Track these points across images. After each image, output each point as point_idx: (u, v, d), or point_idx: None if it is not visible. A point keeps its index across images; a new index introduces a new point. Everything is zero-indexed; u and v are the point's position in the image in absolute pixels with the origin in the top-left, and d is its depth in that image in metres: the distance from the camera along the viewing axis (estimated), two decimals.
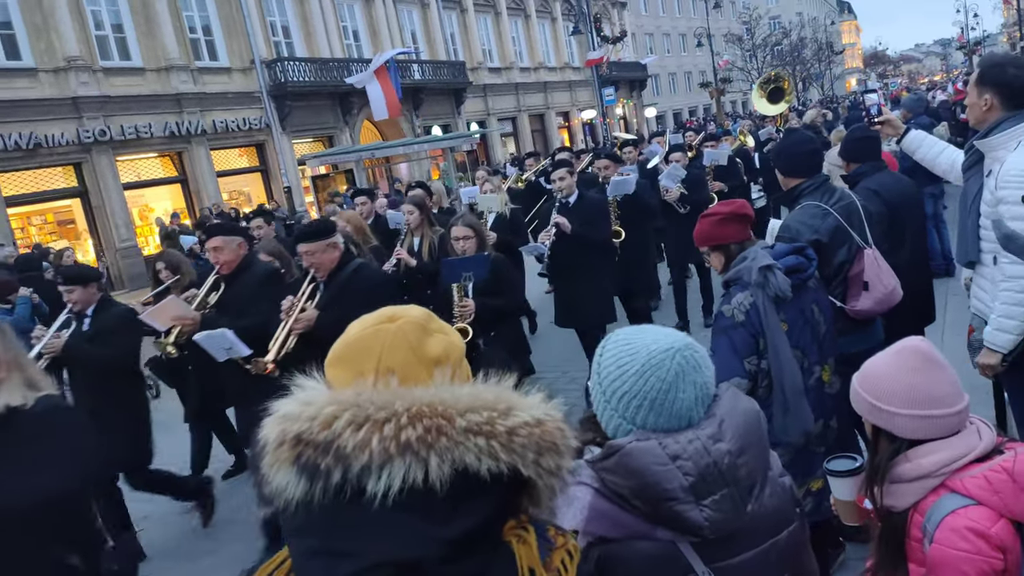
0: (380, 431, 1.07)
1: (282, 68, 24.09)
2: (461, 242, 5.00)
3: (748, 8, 60.48)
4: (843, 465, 2.02)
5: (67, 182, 20.07)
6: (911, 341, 1.84)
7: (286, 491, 1.08)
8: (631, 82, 44.61)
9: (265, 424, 1.14)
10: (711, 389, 1.55)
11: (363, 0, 28.48)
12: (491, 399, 1.14)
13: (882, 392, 1.78)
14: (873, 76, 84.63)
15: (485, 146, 33.72)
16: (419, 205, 6.60)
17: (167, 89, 21.61)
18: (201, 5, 23.10)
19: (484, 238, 5.16)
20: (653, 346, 1.53)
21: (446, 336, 1.26)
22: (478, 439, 1.09)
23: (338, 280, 4.30)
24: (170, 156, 22.45)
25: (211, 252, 4.99)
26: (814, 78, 60.55)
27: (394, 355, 1.18)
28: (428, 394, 1.12)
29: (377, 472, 1.05)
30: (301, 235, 4.43)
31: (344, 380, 1.18)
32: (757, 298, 2.88)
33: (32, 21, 18.95)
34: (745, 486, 1.50)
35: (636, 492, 1.46)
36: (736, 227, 3.10)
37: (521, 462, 1.11)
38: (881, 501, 1.80)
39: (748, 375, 2.91)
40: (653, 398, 1.50)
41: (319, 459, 1.06)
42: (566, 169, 6.40)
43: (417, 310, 1.29)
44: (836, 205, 3.54)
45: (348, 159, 24.34)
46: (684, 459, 1.45)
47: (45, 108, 18.94)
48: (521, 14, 37.73)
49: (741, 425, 1.52)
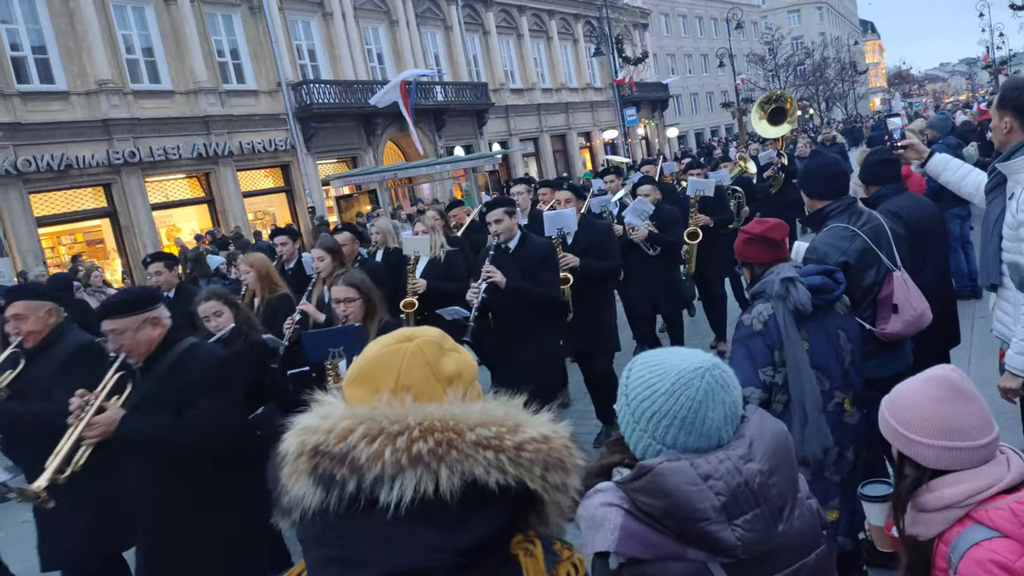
0: (393, 443, 1.11)
1: (307, 90, 24.43)
2: (342, 305, 3.98)
3: (770, 28, 60.49)
4: (877, 490, 2.02)
5: (97, 202, 20.44)
6: (941, 370, 1.82)
7: (303, 500, 1.13)
8: (653, 102, 44.69)
9: (285, 437, 1.19)
10: (739, 408, 1.56)
11: (387, 23, 28.85)
12: (500, 415, 1.19)
13: (908, 419, 1.77)
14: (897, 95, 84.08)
15: (507, 166, 33.89)
16: (331, 250, 5.52)
17: (195, 111, 21.99)
18: (229, 29, 23.54)
19: (373, 301, 4.04)
20: (682, 365, 1.54)
21: (460, 355, 1.32)
22: (487, 452, 1.13)
23: (159, 367, 3.17)
24: (197, 177, 22.80)
25: (12, 321, 3.79)
26: (837, 98, 60.30)
27: (412, 373, 1.23)
28: (440, 409, 1.17)
29: (389, 483, 1.10)
30: (105, 309, 3.27)
31: (362, 397, 1.23)
32: (777, 310, 2.89)
33: (65, 45, 19.41)
34: (776, 506, 1.50)
35: (667, 512, 1.46)
36: (759, 248, 3.13)
37: (528, 476, 1.15)
38: (910, 529, 1.79)
39: (762, 385, 2.90)
40: (683, 417, 1.51)
41: (335, 470, 1.11)
42: (503, 209, 5.15)
43: (432, 330, 1.35)
44: (864, 227, 3.53)
45: (371, 180, 24.57)
46: (716, 479, 1.46)
47: (77, 130, 19.33)
48: (543, 36, 38.02)
49: (771, 445, 1.53)
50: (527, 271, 4.98)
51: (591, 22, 40.22)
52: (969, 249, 8.10)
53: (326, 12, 26.17)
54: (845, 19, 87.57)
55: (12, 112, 18.12)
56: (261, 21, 23.93)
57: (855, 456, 3.07)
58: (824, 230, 3.60)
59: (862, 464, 3.11)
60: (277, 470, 1.17)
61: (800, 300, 2.86)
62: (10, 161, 17.84)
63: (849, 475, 3.01)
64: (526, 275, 4.97)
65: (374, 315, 4.04)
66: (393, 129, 27.27)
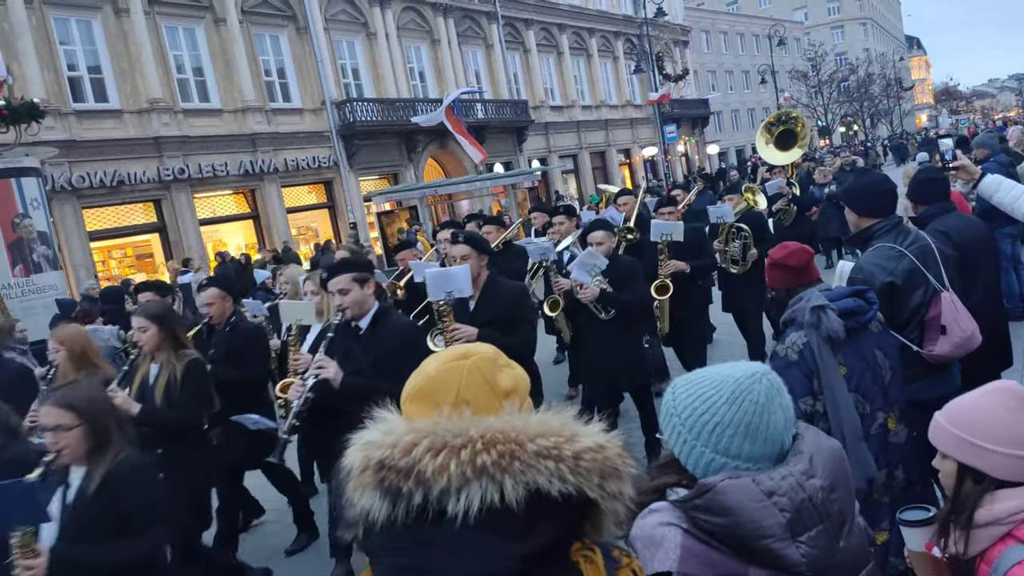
0: (457, 456, 1.15)
1: (351, 108, 24.83)
2: (51, 435, 2.88)
3: (813, 45, 59.86)
4: (916, 515, 2.00)
5: (147, 218, 20.99)
6: (1005, 383, 1.79)
7: (370, 513, 1.17)
8: (693, 119, 44.50)
9: (348, 453, 1.23)
10: (793, 414, 1.57)
11: (429, 42, 29.24)
12: (557, 426, 1.22)
13: (977, 428, 1.73)
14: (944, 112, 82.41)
15: (546, 183, 33.98)
16: (156, 317, 4.24)
17: (243, 129, 22.50)
18: (276, 49, 24.09)
19: (101, 428, 2.94)
20: (738, 373, 1.55)
21: (514, 371, 1.35)
22: (548, 462, 1.16)
23: None
24: (244, 193, 23.29)
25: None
26: (882, 114, 59.40)
27: (470, 388, 1.27)
28: (500, 422, 1.20)
29: (456, 494, 1.13)
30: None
31: (421, 413, 1.27)
32: (811, 338, 2.85)
33: (119, 66, 20.04)
34: (838, 522, 1.50)
35: (730, 530, 1.45)
36: (780, 275, 3.15)
37: (587, 484, 1.18)
38: (962, 547, 1.76)
39: (803, 415, 2.85)
40: (748, 423, 1.50)
41: (401, 483, 1.15)
42: (351, 275, 3.91)
43: (487, 347, 1.39)
44: (911, 247, 3.46)
45: (412, 196, 24.85)
46: (779, 495, 1.45)
47: (129, 147, 19.91)
48: (583, 54, 38.16)
49: (829, 461, 1.53)
50: (380, 360, 3.72)
51: (631, 39, 40.27)
52: (1021, 269, 7.90)
53: (370, 32, 26.63)
54: (890, 35, 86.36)
55: (68, 130, 18.74)
56: (307, 41, 24.43)
57: (905, 475, 3.02)
58: (870, 250, 3.55)
59: (916, 482, 3.06)
60: (342, 485, 1.22)
61: (832, 328, 2.82)
62: (65, 177, 18.43)
63: (900, 496, 2.96)
64: (379, 365, 3.68)
65: (104, 450, 2.90)
66: (434, 146, 27.56)
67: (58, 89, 18.70)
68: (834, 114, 55.34)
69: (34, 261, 12.74)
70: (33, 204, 12.81)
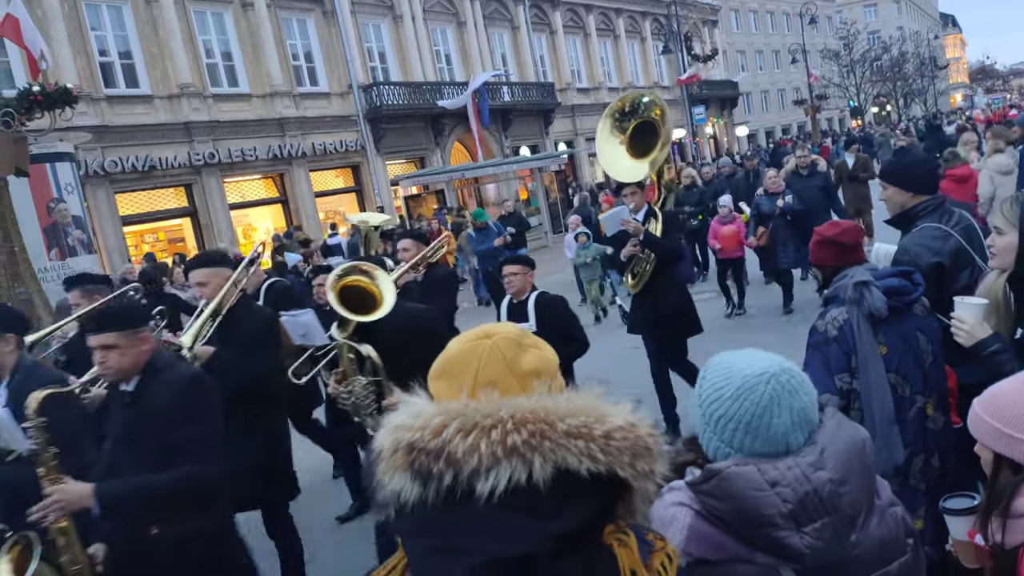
0: (488, 436, 1.15)
1: (377, 92, 24.87)
2: None
3: (845, 23, 58.79)
4: (961, 503, 1.97)
5: (178, 202, 21.25)
6: None
7: (401, 494, 1.18)
8: (722, 100, 43.95)
9: (378, 435, 1.25)
10: (811, 414, 1.55)
11: (455, 24, 29.14)
12: (586, 406, 1.22)
13: (1012, 417, 1.70)
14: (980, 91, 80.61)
15: (573, 166, 33.82)
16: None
17: (271, 114, 22.64)
18: (304, 33, 24.16)
19: None
20: (747, 370, 1.54)
21: (540, 351, 1.35)
22: (578, 442, 1.17)
23: None
24: (272, 177, 23.47)
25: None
26: (916, 94, 58.24)
27: (489, 368, 1.27)
28: (530, 402, 1.20)
29: (486, 474, 1.14)
30: None
31: (447, 392, 1.29)
32: (852, 315, 2.82)
33: (149, 51, 20.23)
34: (847, 515, 1.49)
35: (734, 516, 1.47)
36: (830, 252, 3.10)
37: (618, 464, 1.18)
38: (1000, 536, 1.74)
39: (839, 392, 2.83)
40: (748, 421, 1.51)
41: (432, 464, 1.16)
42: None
43: (512, 327, 1.39)
44: (956, 227, 3.37)
45: (439, 180, 24.87)
46: (783, 486, 1.46)
47: (160, 132, 20.14)
48: (610, 35, 37.80)
49: (843, 452, 1.52)
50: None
51: (659, 19, 39.78)
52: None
53: (396, 15, 26.60)
54: (924, 12, 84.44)
55: (100, 115, 18.98)
56: (334, 25, 24.48)
57: (941, 463, 2.97)
58: (915, 230, 3.44)
59: (951, 472, 3.02)
60: (372, 467, 1.23)
61: (875, 305, 2.79)
62: (98, 162, 18.70)
63: (936, 483, 2.92)
64: None
65: None
66: (461, 130, 27.53)
67: (90, 75, 18.94)
68: (867, 94, 54.37)
69: (69, 245, 12.96)
70: (67, 189, 13.01)
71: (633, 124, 6.02)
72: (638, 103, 6.05)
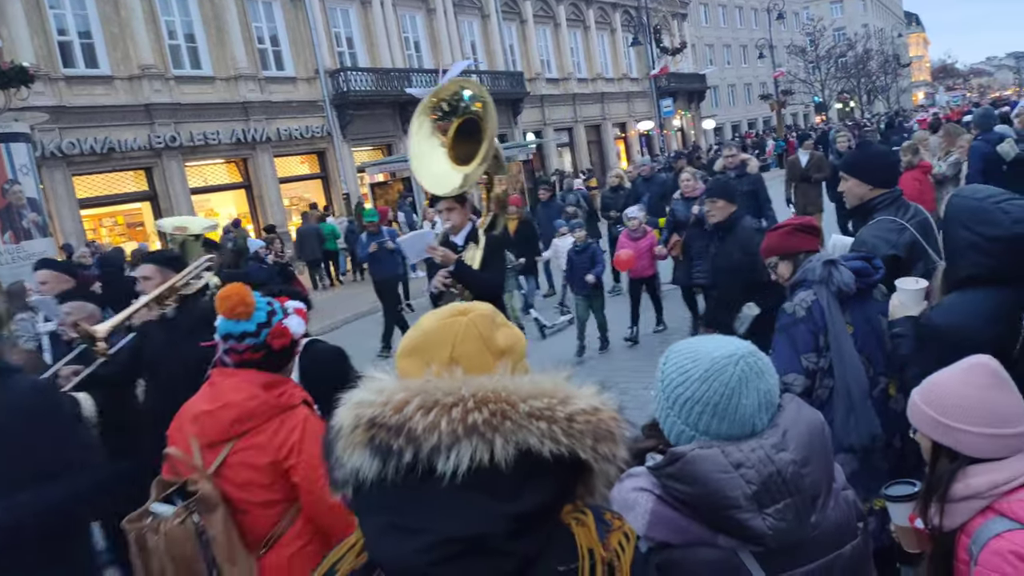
0: (448, 414, 1.15)
1: (344, 78, 24.59)
2: None
3: (812, 19, 59.40)
4: (902, 490, 2.01)
5: (137, 186, 20.82)
6: (980, 358, 1.81)
7: (360, 471, 1.16)
8: (690, 93, 44.22)
9: (338, 412, 1.22)
10: (774, 397, 1.57)
11: (425, 11, 28.90)
12: (550, 388, 1.22)
13: (948, 407, 1.76)
14: (941, 89, 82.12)
15: (541, 156, 33.81)
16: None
17: (235, 97, 22.26)
18: (270, 16, 23.76)
19: None
20: (716, 352, 1.55)
21: (511, 330, 1.35)
22: (540, 423, 1.16)
23: None
24: (236, 162, 23.10)
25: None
26: (879, 91, 59.16)
27: (465, 345, 1.27)
28: (492, 381, 1.20)
29: (446, 452, 1.13)
30: None
31: (414, 370, 1.27)
32: (820, 295, 2.92)
33: (110, 31, 19.75)
34: (809, 496, 1.51)
35: (698, 499, 1.48)
36: (804, 237, 3.20)
37: (580, 446, 1.18)
38: (938, 520, 1.79)
39: (805, 372, 2.92)
40: (716, 403, 1.52)
41: (391, 440, 1.15)
42: None
43: (485, 305, 1.38)
44: (911, 220, 3.49)
45: (406, 167, 24.61)
46: (747, 467, 1.47)
47: (120, 114, 19.70)
48: (580, 25, 37.79)
49: (805, 434, 1.54)
50: None
51: (629, 11, 39.86)
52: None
53: (364, 0, 26.28)
54: (889, 11, 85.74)
55: (58, 95, 18.50)
56: (301, 8, 24.11)
57: (902, 443, 3.06)
58: (872, 222, 3.55)
59: (912, 452, 3.09)
60: (330, 444, 1.21)
61: (844, 280, 2.89)
62: (55, 143, 18.23)
63: (897, 464, 2.99)
64: None
65: None
66: None
67: (47, 54, 18.43)
68: (831, 90, 55.09)
69: (24, 228, 12.65)
70: (23, 170, 12.69)
71: (456, 123, 4.48)
72: (459, 98, 4.46)
